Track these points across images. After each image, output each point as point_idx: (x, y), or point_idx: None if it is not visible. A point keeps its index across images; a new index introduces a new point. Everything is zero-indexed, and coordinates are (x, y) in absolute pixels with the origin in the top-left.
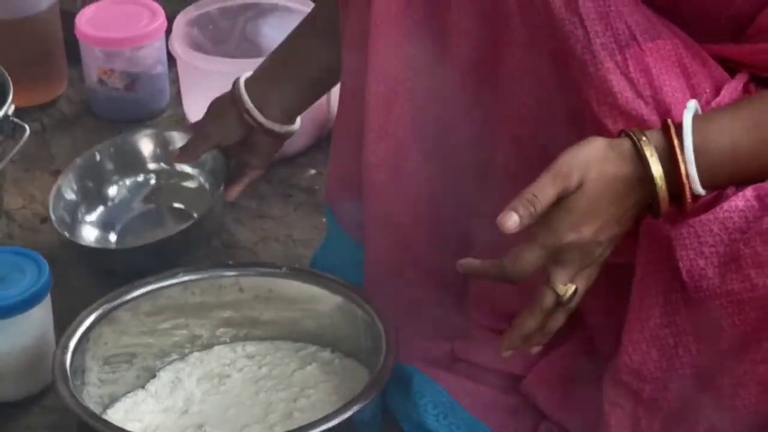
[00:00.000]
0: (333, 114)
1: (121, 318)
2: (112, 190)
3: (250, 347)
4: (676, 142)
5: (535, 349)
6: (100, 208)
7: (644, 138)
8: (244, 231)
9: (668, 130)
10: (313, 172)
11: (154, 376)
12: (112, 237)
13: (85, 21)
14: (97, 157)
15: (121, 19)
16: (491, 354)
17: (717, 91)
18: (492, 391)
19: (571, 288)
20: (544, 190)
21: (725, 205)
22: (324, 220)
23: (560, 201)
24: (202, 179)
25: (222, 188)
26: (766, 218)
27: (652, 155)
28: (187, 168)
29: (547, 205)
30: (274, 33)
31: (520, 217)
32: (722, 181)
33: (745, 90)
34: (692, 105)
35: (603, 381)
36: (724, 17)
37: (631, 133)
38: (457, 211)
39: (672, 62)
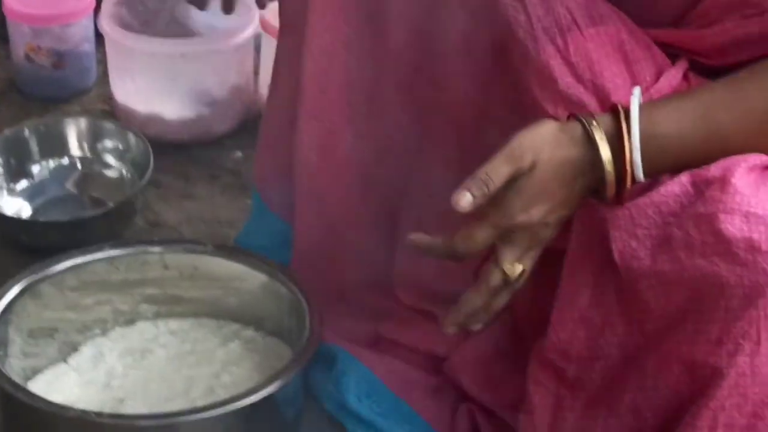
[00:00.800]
0: (259, 96)
1: (44, 291)
2: (35, 168)
3: (173, 323)
4: (624, 127)
5: (477, 327)
6: (21, 183)
7: (594, 122)
8: (169, 211)
9: (618, 115)
10: (239, 154)
11: (75, 350)
12: (26, 212)
13: None
14: (26, 133)
15: None
16: (416, 334)
17: (658, 78)
18: (415, 371)
19: (519, 268)
20: (498, 170)
21: (661, 189)
22: (250, 202)
23: (512, 182)
24: (124, 170)
25: (145, 179)
26: (700, 202)
27: (602, 139)
28: (110, 158)
29: (500, 184)
30: (203, 15)
31: (474, 196)
32: (664, 169)
33: (685, 78)
34: (637, 92)
35: (529, 362)
36: (665, 2)
37: (582, 118)
38: (388, 193)
39: (613, 48)
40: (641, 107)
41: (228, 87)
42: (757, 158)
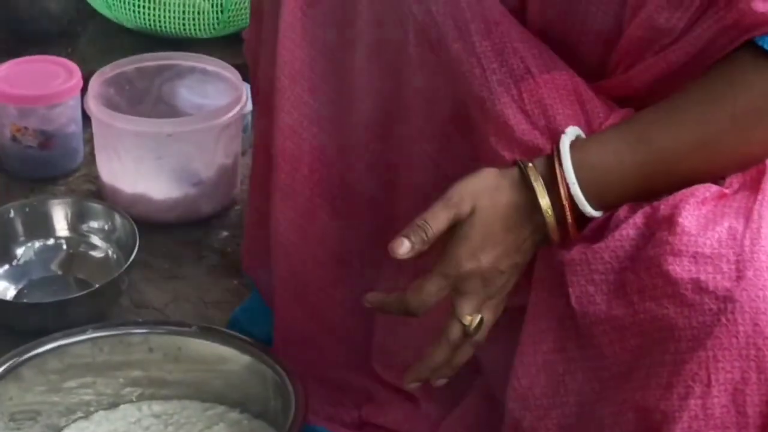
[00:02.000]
0: (244, 176)
1: (26, 375)
2: (20, 251)
3: (157, 406)
4: (556, 164)
5: (440, 382)
6: (5, 265)
7: (530, 165)
8: (155, 291)
9: (551, 155)
10: (225, 234)
11: None
12: (10, 294)
13: None
14: (11, 214)
15: (36, 76)
16: (397, 416)
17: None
18: None
19: (477, 318)
20: (436, 215)
21: (617, 234)
22: (236, 282)
23: (455, 229)
24: (110, 251)
25: (131, 259)
26: (650, 245)
27: (536, 180)
28: (96, 239)
29: (439, 230)
30: (191, 95)
31: (412, 243)
32: (613, 199)
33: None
34: (571, 130)
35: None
36: (591, 38)
37: (520, 162)
38: (363, 270)
39: (567, 91)
40: (577, 142)
41: (215, 167)
42: (705, 190)
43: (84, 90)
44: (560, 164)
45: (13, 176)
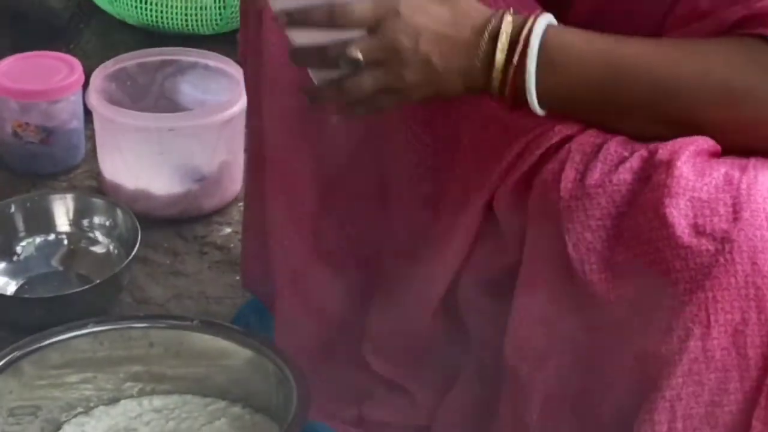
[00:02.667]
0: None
1: (27, 369)
2: (21, 246)
3: (158, 401)
4: (528, 22)
5: (335, 119)
6: (6, 260)
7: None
8: (156, 288)
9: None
10: (228, 230)
11: (58, 429)
12: (11, 289)
13: (0, 73)
14: (12, 209)
15: (38, 72)
16: (394, 409)
17: None
18: None
19: (359, 57)
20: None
21: (614, 178)
22: (238, 278)
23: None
24: (111, 246)
25: (132, 255)
26: (648, 188)
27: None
28: (97, 234)
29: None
30: (193, 90)
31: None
32: (564, 86)
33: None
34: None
35: None
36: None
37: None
38: (360, 267)
39: None
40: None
41: (217, 163)
42: (703, 142)
43: (85, 85)
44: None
45: (14, 172)
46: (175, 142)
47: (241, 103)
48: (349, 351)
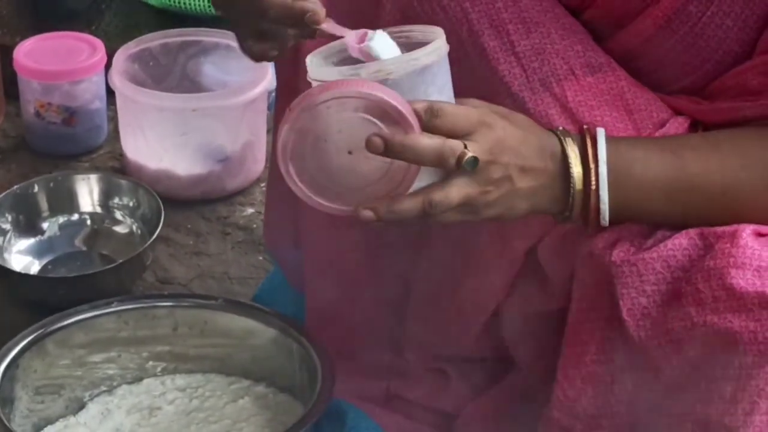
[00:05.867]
0: (270, 153)
1: (51, 348)
2: (44, 225)
3: (181, 380)
4: (589, 143)
5: (368, 215)
6: (30, 240)
7: (569, 139)
8: (179, 268)
9: (584, 137)
10: (251, 210)
11: (82, 408)
12: (35, 269)
13: (23, 54)
14: (35, 189)
15: (60, 52)
16: (426, 391)
17: (660, 127)
18: (424, 428)
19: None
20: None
21: (669, 243)
22: (261, 258)
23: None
24: (134, 227)
25: (155, 235)
26: (709, 256)
27: (571, 148)
28: (120, 214)
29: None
30: (215, 71)
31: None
32: (629, 206)
33: (691, 129)
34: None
35: (539, 422)
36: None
37: (556, 132)
38: (394, 257)
39: (612, 96)
40: (608, 138)
41: (240, 143)
42: (758, 228)
43: (108, 66)
44: (593, 144)
45: (37, 153)
46: (197, 123)
47: (264, 83)
48: (381, 336)
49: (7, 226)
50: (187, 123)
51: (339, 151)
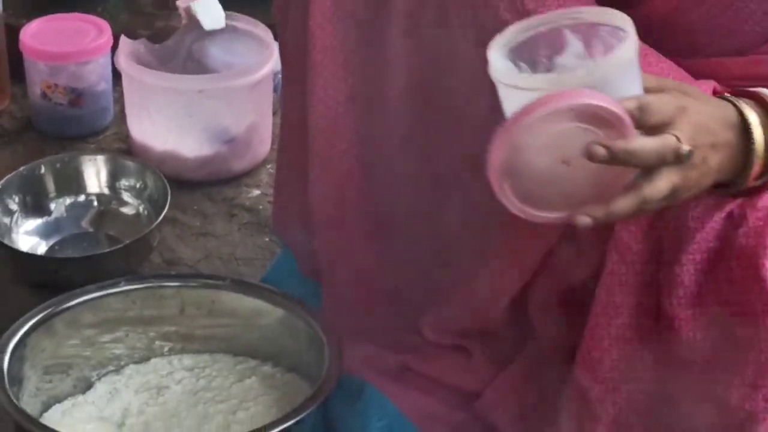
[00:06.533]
0: (276, 135)
1: (59, 328)
2: (51, 206)
3: (188, 360)
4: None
5: (586, 221)
6: (37, 221)
7: (745, 105)
8: (186, 249)
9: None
10: (257, 192)
11: (90, 387)
12: (42, 250)
13: (29, 35)
14: (42, 170)
15: (67, 34)
16: (444, 368)
17: None
18: (440, 406)
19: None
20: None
21: (715, 215)
22: (267, 240)
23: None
24: (141, 208)
25: (161, 216)
26: (743, 234)
27: (756, 123)
28: (127, 195)
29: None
30: (221, 53)
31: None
32: None
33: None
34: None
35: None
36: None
37: (731, 99)
38: (409, 239)
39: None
40: None
41: (246, 124)
42: None
43: (114, 48)
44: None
45: (43, 134)
46: (204, 104)
47: (270, 65)
48: (398, 317)
49: (14, 207)
50: (193, 104)
51: (555, 162)
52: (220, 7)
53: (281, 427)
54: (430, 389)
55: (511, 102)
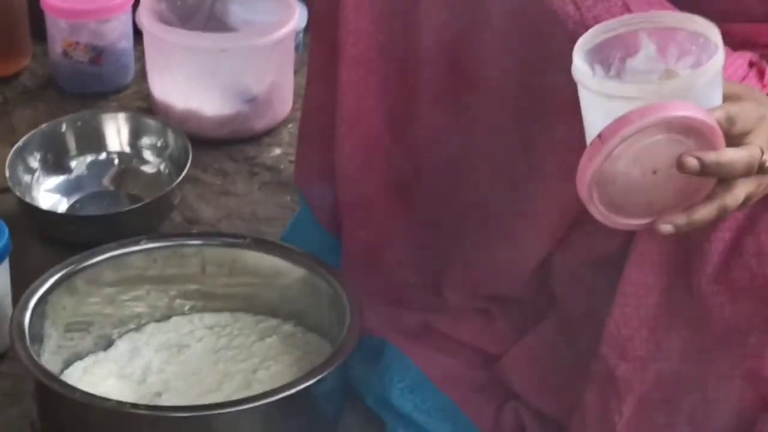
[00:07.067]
0: (297, 94)
1: (80, 286)
2: (72, 164)
3: (209, 318)
4: None
5: (668, 228)
6: (58, 178)
7: None
8: (207, 208)
9: None
10: (278, 151)
11: (111, 344)
12: (62, 208)
13: None
14: (63, 128)
15: None
16: (467, 329)
17: None
18: (462, 367)
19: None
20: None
21: None
22: (288, 198)
23: None
24: (162, 166)
25: (182, 175)
26: None
27: None
28: (148, 154)
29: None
30: (243, 11)
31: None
32: None
33: (751, 66)
34: None
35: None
36: None
37: None
38: (431, 199)
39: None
40: None
41: (267, 84)
42: None
43: (135, 5)
44: None
45: (64, 92)
46: (225, 63)
47: (292, 23)
48: (419, 278)
49: (36, 165)
50: (214, 63)
51: (645, 172)
52: None
53: (302, 386)
54: (452, 350)
55: (597, 108)
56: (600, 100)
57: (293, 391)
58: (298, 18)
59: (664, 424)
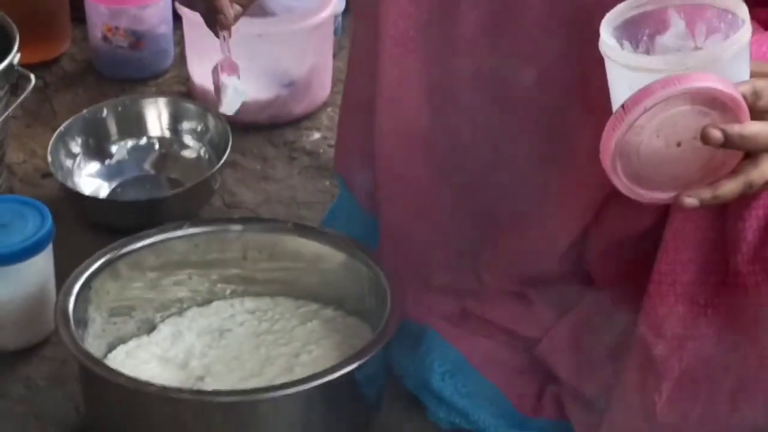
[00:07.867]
0: (337, 78)
1: (123, 271)
2: (113, 149)
3: (250, 303)
4: None
5: (693, 202)
6: (99, 163)
7: None
8: (247, 192)
9: None
10: (317, 135)
11: (153, 328)
12: (104, 192)
13: None
14: (104, 113)
15: None
16: (505, 313)
17: None
18: (502, 350)
19: None
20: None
21: None
22: (328, 183)
23: None
24: (202, 151)
25: (223, 159)
26: None
27: None
28: (188, 138)
29: None
30: None
31: None
32: None
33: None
34: None
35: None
36: None
37: None
38: (469, 179)
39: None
40: None
41: (306, 68)
42: None
43: None
44: None
45: (103, 77)
46: (264, 48)
47: (331, 8)
48: (457, 259)
49: (77, 150)
50: (253, 48)
51: (669, 144)
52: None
53: (344, 371)
54: (491, 334)
55: (622, 81)
56: (625, 73)
57: (336, 375)
58: (337, 2)
59: (703, 403)
